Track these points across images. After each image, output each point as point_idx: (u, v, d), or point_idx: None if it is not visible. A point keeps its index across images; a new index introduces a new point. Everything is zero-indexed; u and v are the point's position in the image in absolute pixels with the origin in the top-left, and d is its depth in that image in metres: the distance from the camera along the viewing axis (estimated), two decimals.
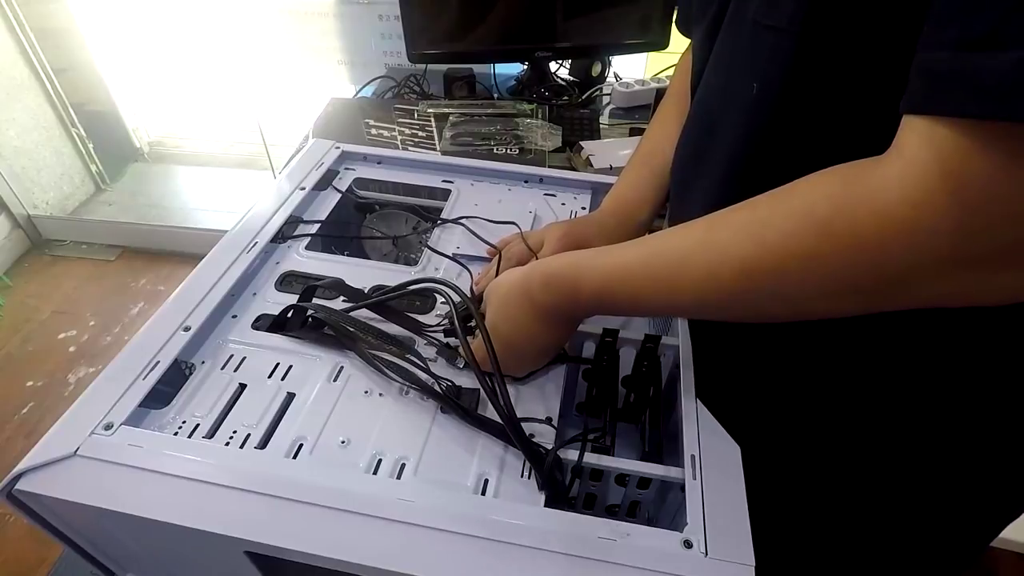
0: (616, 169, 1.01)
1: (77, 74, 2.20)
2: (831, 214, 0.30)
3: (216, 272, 0.54)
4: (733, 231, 0.35)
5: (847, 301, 0.33)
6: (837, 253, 0.30)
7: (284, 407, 0.46)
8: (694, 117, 0.52)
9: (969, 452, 0.45)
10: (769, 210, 0.34)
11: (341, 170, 0.73)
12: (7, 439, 1.59)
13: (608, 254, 0.42)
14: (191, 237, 2.17)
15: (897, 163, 0.28)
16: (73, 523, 0.41)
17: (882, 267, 0.29)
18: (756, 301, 0.36)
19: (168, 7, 2.08)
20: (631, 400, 0.53)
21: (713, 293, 0.36)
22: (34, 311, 1.96)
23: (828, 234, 0.30)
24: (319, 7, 1.46)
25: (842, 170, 0.31)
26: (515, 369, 0.48)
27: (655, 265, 0.39)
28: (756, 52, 0.40)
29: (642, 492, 0.45)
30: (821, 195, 0.31)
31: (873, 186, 0.29)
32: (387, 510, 0.37)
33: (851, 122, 0.36)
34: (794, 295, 0.34)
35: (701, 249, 0.37)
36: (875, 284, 0.31)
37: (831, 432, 0.49)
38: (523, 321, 0.45)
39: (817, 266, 0.31)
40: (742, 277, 0.34)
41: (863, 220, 0.29)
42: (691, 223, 0.38)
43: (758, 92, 0.40)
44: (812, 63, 0.36)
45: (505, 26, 1.17)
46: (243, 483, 0.38)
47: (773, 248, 0.33)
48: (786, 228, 0.32)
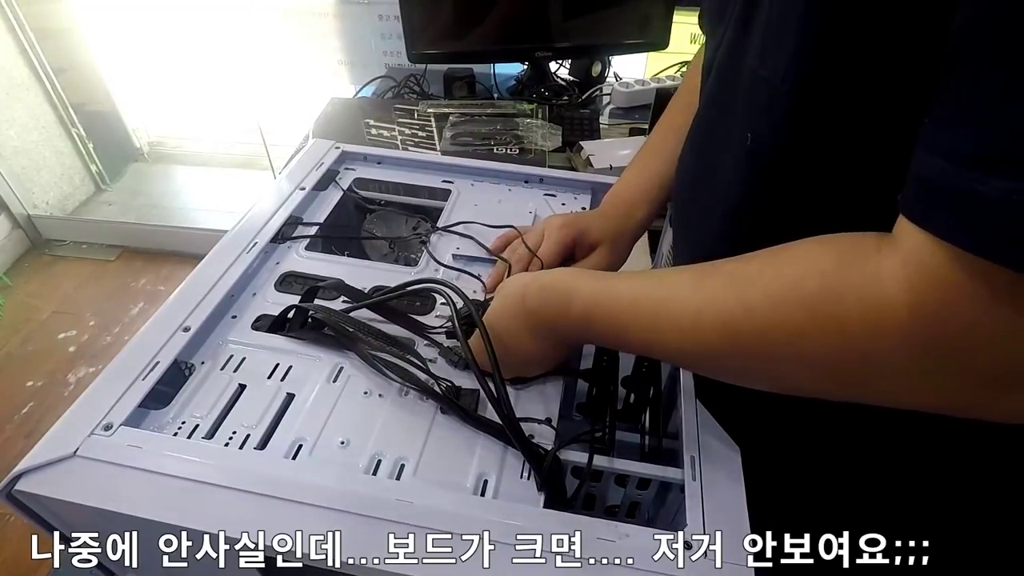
0: (616, 169, 1.01)
1: (77, 74, 2.20)
2: (819, 293, 0.29)
3: (216, 272, 0.54)
4: (721, 284, 0.35)
5: (828, 385, 0.32)
6: (821, 335, 0.29)
7: (284, 408, 0.46)
8: (693, 146, 0.51)
9: (972, 453, 0.45)
10: (759, 271, 0.33)
11: (341, 170, 0.73)
12: (7, 439, 1.59)
13: (604, 278, 0.42)
14: (191, 237, 2.17)
15: (895, 257, 0.27)
16: (73, 523, 0.41)
17: (866, 360, 0.29)
18: (735, 362, 0.35)
19: (168, 7, 2.07)
20: (631, 401, 0.53)
21: (693, 344, 0.36)
22: (34, 311, 1.96)
23: (814, 312, 0.30)
24: (319, 7, 1.46)
25: (840, 246, 0.30)
26: (504, 371, 0.48)
27: (642, 301, 0.39)
28: (751, 101, 0.39)
29: (642, 493, 0.45)
30: (814, 270, 0.30)
31: (867, 273, 0.28)
32: (386, 511, 0.37)
33: (846, 182, 0.35)
34: (773, 366, 0.33)
35: (689, 294, 0.36)
36: (859, 375, 0.30)
37: (832, 433, 0.48)
38: (513, 326, 0.45)
39: (799, 342, 0.31)
40: (724, 334, 0.34)
41: (851, 308, 0.28)
42: (686, 268, 0.38)
43: (752, 143, 0.39)
44: (804, 123, 0.35)
45: (505, 26, 1.17)
46: (243, 484, 0.38)
47: (757, 313, 0.32)
48: (773, 295, 0.31)
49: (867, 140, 0.33)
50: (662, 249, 0.69)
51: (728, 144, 0.43)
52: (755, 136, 0.39)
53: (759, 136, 0.38)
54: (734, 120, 0.42)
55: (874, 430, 0.46)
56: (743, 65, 0.40)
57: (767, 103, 0.37)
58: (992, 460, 0.45)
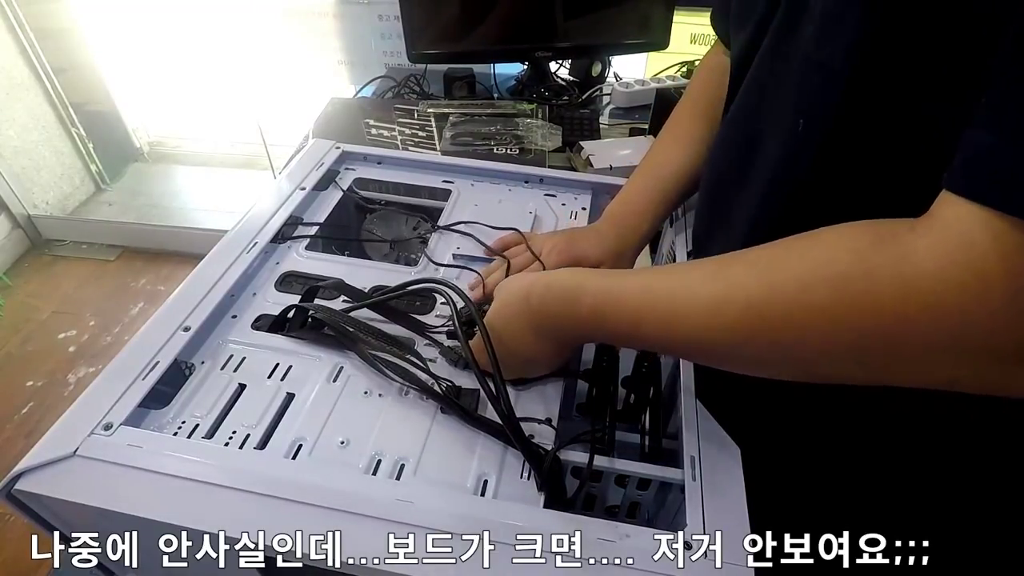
0: (616, 169, 1.01)
1: (77, 74, 2.20)
2: (852, 270, 0.28)
3: (216, 272, 0.54)
4: (745, 268, 0.34)
5: (852, 368, 0.31)
6: (850, 314, 0.28)
7: (284, 407, 0.46)
8: (729, 139, 0.51)
9: (972, 452, 0.45)
10: (787, 252, 0.32)
11: (341, 170, 0.73)
12: (7, 439, 1.59)
13: (613, 274, 0.41)
14: (191, 237, 2.17)
15: (932, 234, 0.27)
16: (73, 523, 0.41)
17: (897, 339, 0.28)
18: (757, 348, 0.34)
19: (168, 7, 2.07)
20: (631, 401, 0.53)
21: (714, 331, 0.35)
22: (34, 311, 1.96)
23: (844, 291, 0.29)
24: (319, 7, 1.46)
25: (874, 226, 0.30)
26: (505, 371, 0.48)
27: (658, 292, 0.38)
28: (804, 87, 0.38)
29: (642, 493, 0.45)
30: (846, 248, 0.29)
31: (904, 251, 0.27)
32: (386, 511, 0.37)
33: (900, 172, 0.34)
34: (797, 350, 0.32)
35: (710, 280, 0.35)
36: (886, 356, 0.29)
37: (832, 432, 0.48)
38: (517, 326, 0.45)
39: (826, 323, 0.29)
40: (747, 317, 0.32)
41: (886, 284, 0.27)
42: (700, 260, 0.37)
43: (804, 129, 0.38)
44: (863, 107, 0.35)
45: (505, 26, 1.17)
46: (242, 483, 0.38)
47: (784, 293, 0.31)
48: (801, 275, 0.31)
49: (920, 129, 0.33)
50: (662, 249, 0.69)
51: (778, 130, 0.42)
52: (808, 121, 0.38)
53: (813, 120, 0.38)
54: (780, 107, 0.41)
55: (874, 430, 0.46)
56: (795, 51, 0.39)
57: (822, 87, 0.37)
58: (992, 459, 0.45)
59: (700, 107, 0.62)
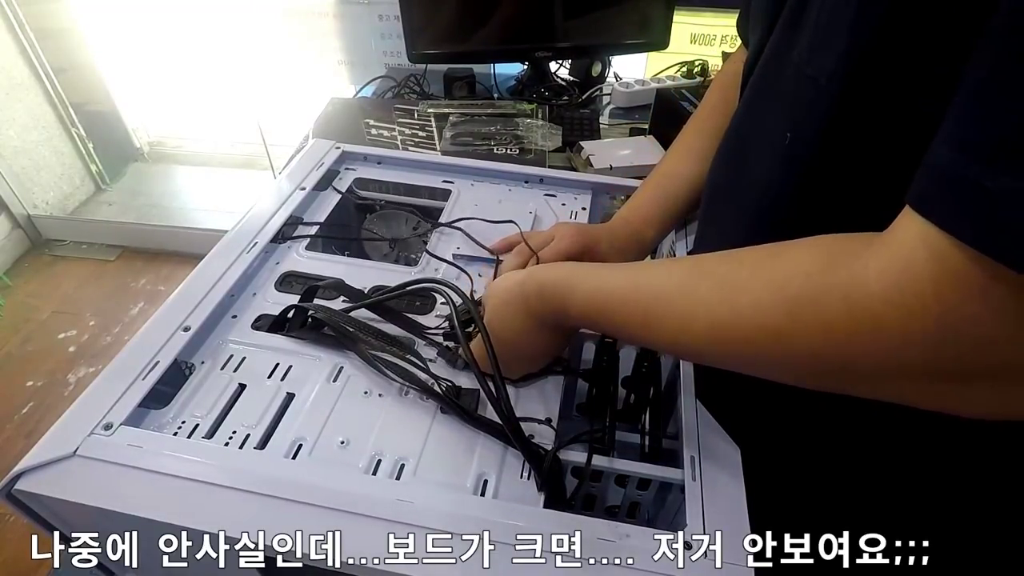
0: (616, 169, 1.01)
1: (77, 74, 2.20)
2: (803, 294, 0.30)
3: (216, 272, 0.54)
4: (711, 286, 0.35)
5: (814, 382, 0.32)
6: (803, 336, 0.30)
7: (284, 407, 0.46)
8: (727, 148, 0.51)
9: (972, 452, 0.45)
10: (751, 273, 0.33)
11: (341, 170, 0.73)
12: (7, 439, 1.59)
13: (599, 275, 0.42)
14: (191, 237, 2.17)
15: (883, 253, 0.27)
16: (73, 523, 0.41)
17: (848, 359, 0.29)
18: (724, 359, 0.36)
19: (168, 7, 2.08)
20: (631, 401, 0.53)
21: (685, 343, 0.37)
22: (34, 311, 1.96)
23: (795, 315, 0.30)
24: (319, 7, 1.46)
25: (829, 245, 0.30)
26: (508, 370, 0.48)
27: (636, 299, 0.39)
28: (795, 98, 0.39)
29: (642, 493, 0.45)
30: (800, 270, 0.31)
31: (853, 272, 0.28)
32: (386, 511, 0.37)
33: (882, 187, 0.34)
34: (760, 365, 0.34)
35: (679, 295, 0.37)
36: (840, 373, 0.30)
37: (832, 432, 0.48)
38: (518, 324, 0.45)
39: (783, 345, 0.31)
40: (712, 335, 0.34)
41: (834, 307, 0.28)
42: (679, 260, 0.39)
43: (791, 142, 0.39)
44: (846, 124, 0.35)
45: (505, 26, 1.17)
46: (242, 483, 0.38)
47: (743, 316, 0.32)
48: (760, 299, 0.32)
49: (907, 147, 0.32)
50: (662, 251, 0.69)
51: (767, 142, 0.42)
52: (795, 135, 0.39)
53: (799, 135, 0.38)
54: (775, 118, 0.41)
55: (875, 429, 0.46)
56: (789, 63, 0.39)
57: (811, 102, 0.37)
58: (992, 460, 0.45)
59: (717, 112, 0.62)
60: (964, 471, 0.46)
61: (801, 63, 0.38)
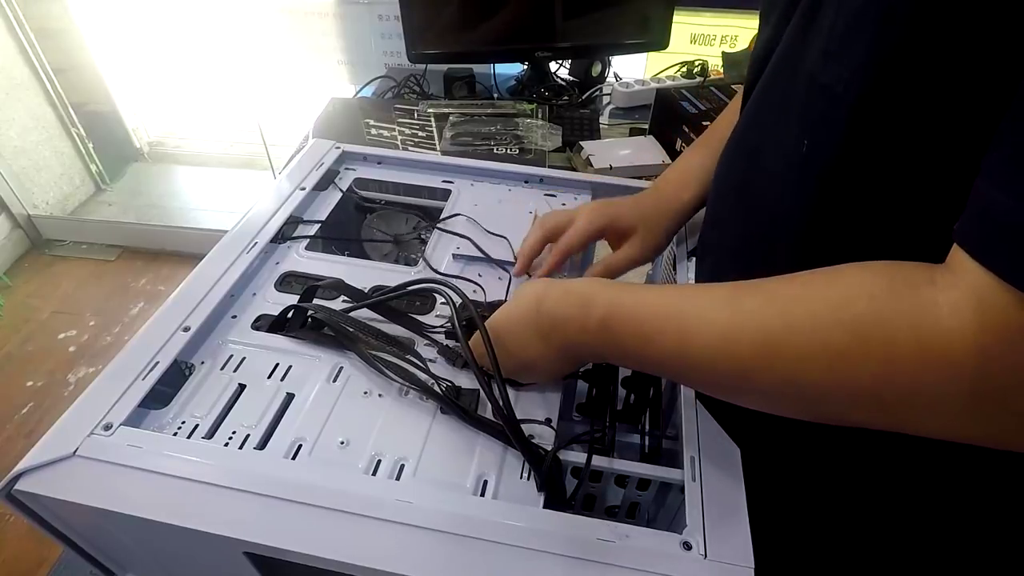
0: (616, 169, 1.01)
1: (77, 74, 2.21)
2: (869, 316, 0.28)
3: (216, 272, 0.54)
4: (763, 299, 0.33)
5: (865, 413, 0.30)
6: (866, 359, 0.28)
7: (283, 408, 0.46)
8: (736, 145, 0.50)
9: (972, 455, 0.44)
10: (805, 289, 0.32)
11: (341, 170, 0.73)
12: (7, 439, 1.59)
13: (628, 287, 0.40)
14: (191, 237, 2.17)
15: (953, 290, 0.26)
16: (73, 523, 0.41)
17: (911, 389, 0.28)
18: (768, 382, 0.33)
19: (168, 7, 2.08)
20: (631, 401, 0.53)
21: (726, 358, 0.34)
22: (34, 311, 1.96)
23: (861, 336, 0.28)
24: (319, 7, 1.46)
25: (892, 271, 0.29)
26: (519, 379, 0.47)
27: (671, 311, 0.37)
28: (809, 108, 0.37)
29: (641, 493, 0.45)
30: (864, 292, 0.29)
31: (922, 302, 0.27)
32: (386, 511, 0.37)
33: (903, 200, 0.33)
34: (808, 388, 0.31)
35: (726, 307, 0.34)
36: (899, 405, 0.29)
37: (831, 432, 0.48)
38: (520, 329, 0.45)
39: (842, 366, 0.29)
40: (761, 350, 0.32)
41: (903, 334, 0.27)
42: (718, 284, 0.36)
43: (808, 151, 0.37)
44: (865, 136, 0.34)
45: (505, 26, 1.17)
46: (242, 484, 0.38)
47: (800, 330, 0.30)
48: (818, 314, 0.30)
49: (929, 160, 0.32)
50: (662, 255, 0.69)
51: (782, 148, 0.41)
52: (812, 144, 0.37)
53: (817, 144, 0.37)
54: (788, 124, 0.40)
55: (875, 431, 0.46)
56: (801, 69, 0.38)
57: (826, 112, 0.36)
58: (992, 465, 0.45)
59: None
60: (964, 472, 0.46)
61: (815, 71, 0.36)
